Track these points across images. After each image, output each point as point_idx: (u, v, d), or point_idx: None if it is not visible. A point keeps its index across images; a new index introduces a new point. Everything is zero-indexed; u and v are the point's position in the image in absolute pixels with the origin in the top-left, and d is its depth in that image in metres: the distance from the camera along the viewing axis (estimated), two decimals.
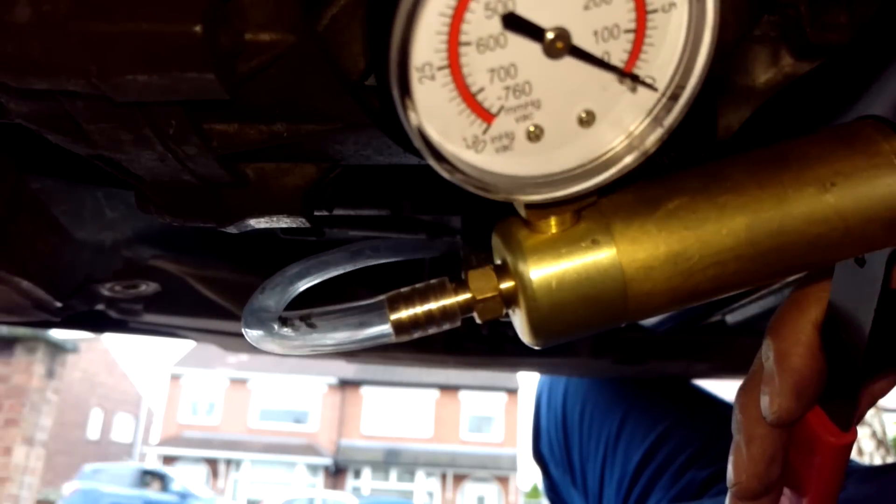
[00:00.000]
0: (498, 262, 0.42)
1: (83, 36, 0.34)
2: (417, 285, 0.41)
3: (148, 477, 15.94)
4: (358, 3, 0.40)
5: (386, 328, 0.40)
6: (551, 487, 1.53)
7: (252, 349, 1.36)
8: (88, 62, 0.34)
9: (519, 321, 0.41)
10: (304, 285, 0.52)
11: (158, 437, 21.93)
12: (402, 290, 0.41)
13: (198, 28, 0.34)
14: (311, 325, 0.42)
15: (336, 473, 21.34)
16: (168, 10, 0.34)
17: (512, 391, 22.09)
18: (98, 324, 1.12)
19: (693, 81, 0.35)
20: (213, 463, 20.88)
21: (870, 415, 5.79)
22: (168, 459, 20.97)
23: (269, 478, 20.85)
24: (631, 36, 0.35)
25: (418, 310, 0.40)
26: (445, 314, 0.40)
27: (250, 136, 0.44)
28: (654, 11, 0.34)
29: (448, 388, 21.96)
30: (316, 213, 0.51)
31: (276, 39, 0.38)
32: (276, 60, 0.39)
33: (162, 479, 15.98)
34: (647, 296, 0.39)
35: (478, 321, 0.42)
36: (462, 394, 22.08)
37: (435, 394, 22.17)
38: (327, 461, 20.89)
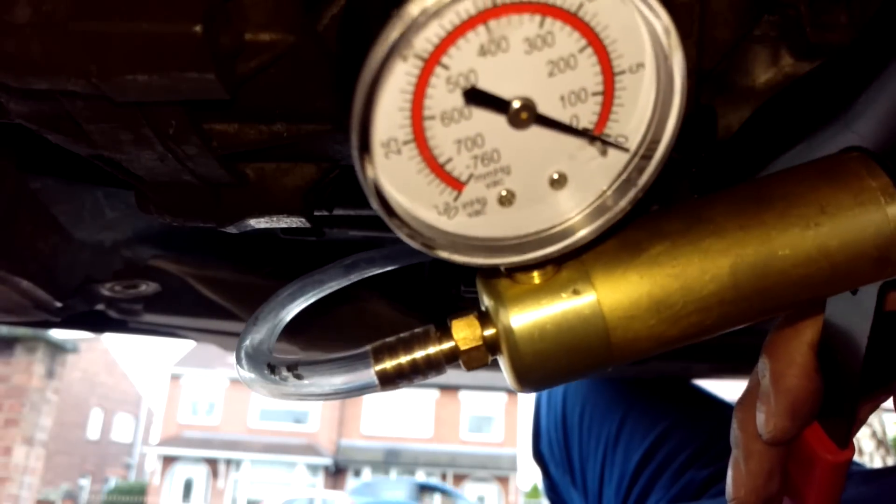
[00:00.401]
0: (483, 308, 0.42)
1: (83, 36, 0.34)
2: (402, 335, 0.41)
3: (425, 491, 15.63)
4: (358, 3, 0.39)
5: (372, 379, 0.41)
6: (551, 487, 1.53)
7: None
8: (88, 62, 0.34)
9: (504, 367, 0.41)
10: (297, 307, 0.52)
11: (158, 437, 21.92)
12: (387, 339, 0.41)
13: (198, 28, 0.34)
14: (298, 377, 0.42)
15: (336, 473, 21.33)
16: (168, 10, 0.34)
17: (512, 391, 22.01)
18: (98, 324, 1.12)
19: (665, 140, 0.35)
20: (213, 463, 20.88)
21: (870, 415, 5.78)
22: (168, 459, 20.97)
23: (269, 478, 20.85)
24: (599, 98, 0.35)
25: (402, 360, 0.40)
26: (430, 363, 0.40)
27: (250, 136, 0.44)
28: (622, 73, 0.34)
29: (448, 388, 21.95)
30: (316, 213, 0.51)
31: (276, 39, 0.38)
32: (276, 60, 0.39)
33: (444, 493, 15.53)
34: (631, 342, 0.39)
35: (465, 370, 0.42)
36: (462, 394, 22.07)
37: (435, 394, 22.17)
38: (327, 461, 20.88)
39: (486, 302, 0.41)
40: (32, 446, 6.15)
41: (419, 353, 0.40)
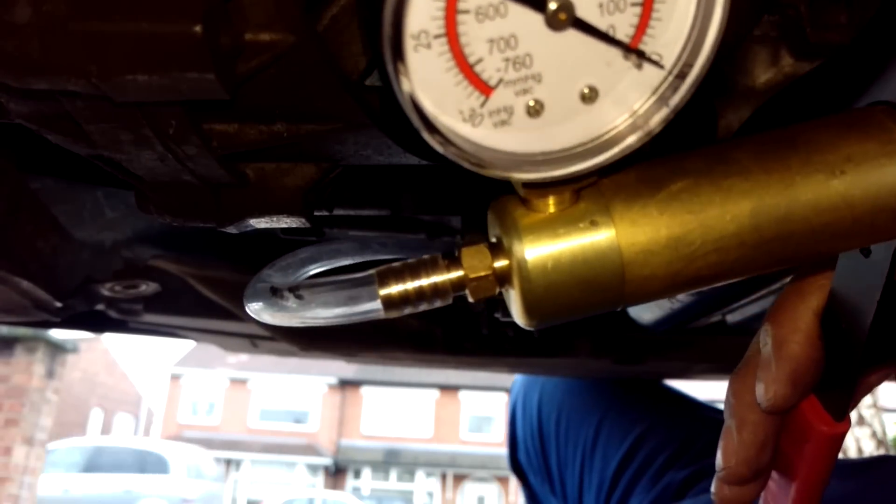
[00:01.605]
0: (493, 239, 0.41)
1: (83, 36, 0.34)
2: (409, 260, 0.40)
3: None
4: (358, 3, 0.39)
5: (375, 304, 0.39)
6: (531, 497, 1.52)
7: (252, 349, 1.36)
8: (88, 62, 0.34)
9: (512, 301, 0.40)
10: (314, 269, 0.52)
11: (158, 437, 21.92)
12: (393, 265, 0.40)
13: (198, 28, 0.34)
14: (299, 297, 0.41)
15: (336, 473, 21.33)
16: (168, 10, 0.34)
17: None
18: (98, 324, 1.12)
19: (702, 60, 0.34)
20: None
21: (870, 415, 5.78)
22: None
23: (269, 478, 20.84)
24: (637, 10, 0.33)
25: (409, 286, 0.39)
26: (437, 291, 0.39)
27: (250, 136, 0.44)
28: None
29: (448, 388, 21.95)
30: (316, 213, 0.51)
31: (276, 39, 0.38)
32: (276, 60, 0.39)
33: None
34: (646, 280, 0.38)
35: (470, 300, 0.41)
36: (462, 394, 22.07)
37: (435, 394, 22.17)
38: (327, 461, 20.88)
39: (498, 232, 0.40)
40: (32, 446, 6.15)
41: (425, 281, 0.39)
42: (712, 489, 0.51)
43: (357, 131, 0.45)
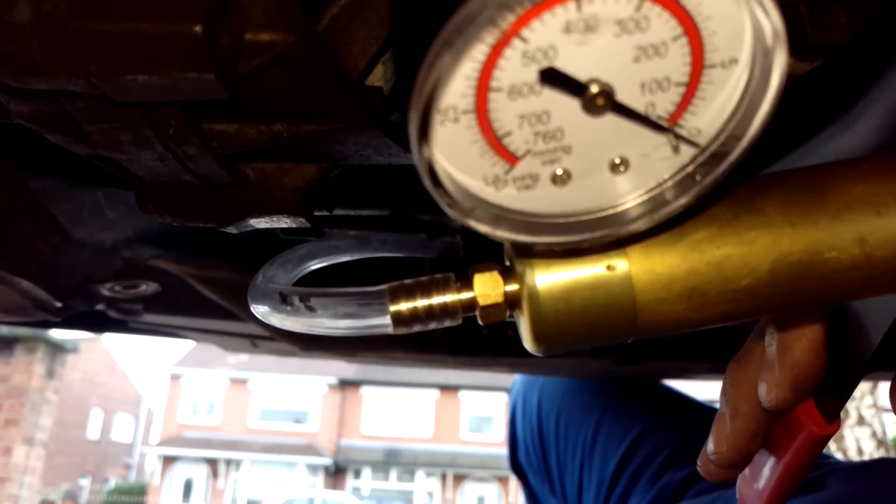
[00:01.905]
0: (506, 262, 0.41)
1: (83, 36, 0.34)
2: (421, 278, 0.40)
3: None
4: (358, 4, 0.40)
5: (384, 319, 0.39)
6: (531, 496, 1.52)
7: (252, 349, 1.36)
8: (88, 62, 0.34)
9: (521, 326, 0.40)
10: (313, 266, 0.52)
11: (158, 437, 21.91)
12: (405, 281, 0.40)
13: (198, 28, 0.34)
14: (310, 308, 0.41)
15: (336, 473, 21.33)
16: (168, 10, 0.34)
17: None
18: (98, 324, 1.12)
19: (746, 139, 0.33)
20: (213, 463, 20.87)
21: (870, 415, 5.78)
22: (168, 459, 20.97)
23: (269, 478, 20.84)
24: (681, 89, 0.32)
25: (419, 303, 0.39)
26: (446, 311, 0.39)
27: (250, 136, 0.44)
28: (713, 66, 0.32)
29: (448, 388, 21.95)
30: (316, 213, 0.51)
31: (276, 39, 0.38)
32: (276, 60, 0.39)
33: None
34: (655, 322, 0.38)
35: (480, 323, 0.41)
36: (462, 394, 22.07)
37: (435, 394, 22.17)
38: (327, 461, 20.88)
39: (512, 257, 0.40)
40: (32, 446, 6.15)
41: (436, 300, 0.39)
42: (699, 461, 0.52)
43: (357, 131, 0.45)
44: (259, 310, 0.44)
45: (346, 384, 22.13)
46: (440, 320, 0.40)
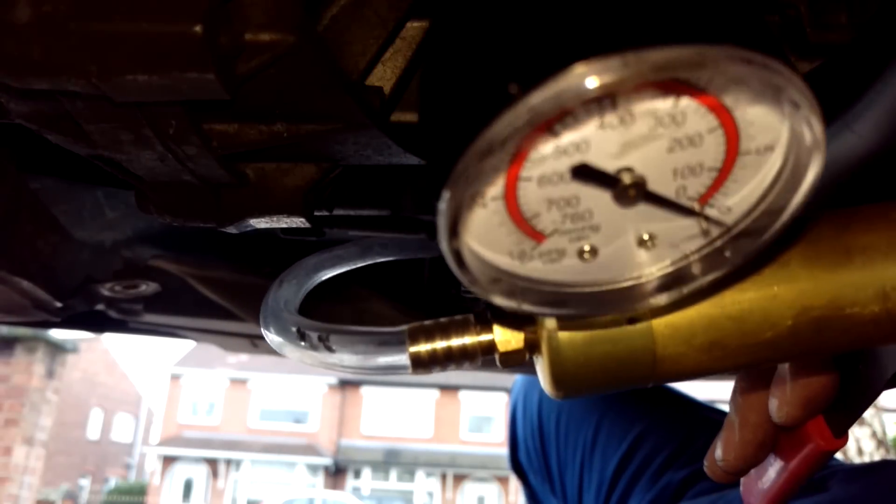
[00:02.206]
0: None
1: (83, 36, 0.34)
2: (441, 319, 0.40)
3: None
4: (358, 4, 0.40)
5: (403, 359, 0.39)
6: (531, 496, 1.52)
7: (252, 349, 1.36)
8: (88, 62, 0.34)
9: (540, 370, 0.40)
10: (319, 278, 0.52)
11: (158, 437, 21.91)
12: (425, 322, 0.40)
13: (198, 28, 0.34)
14: (329, 348, 0.41)
15: (336, 473, 21.33)
16: (168, 10, 0.34)
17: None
18: (98, 324, 1.12)
19: (779, 223, 0.33)
20: (213, 463, 20.88)
21: (869, 415, 5.78)
22: (168, 459, 20.97)
23: (269, 478, 20.84)
24: (714, 174, 0.32)
25: (438, 345, 0.39)
26: (465, 353, 0.39)
27: (250, 136, 0.44)
28: (748, 153, 0.32)
29: (448, 388, 21.95)
30: (316, 213, 0.51)
31: (276, 39, 0.38)
32: (276, 60, 0.39)
33: None
34: (674, 373, 0.39)
35: (498, 365, 0.41)
36: (462, 394, 22.07)
37: (435, 394, 22.17)
38: (327, 461, 20.88)
39: None
40: (32, 446, 6.15)
41: (455, 342, 0.39)
42: (705, 462, 0.52)
43: (357, 131, 0.45)
44: (274, 340, 0.44)
45: (346, 384, 22.13)
46: (459, 362, 0.40)
